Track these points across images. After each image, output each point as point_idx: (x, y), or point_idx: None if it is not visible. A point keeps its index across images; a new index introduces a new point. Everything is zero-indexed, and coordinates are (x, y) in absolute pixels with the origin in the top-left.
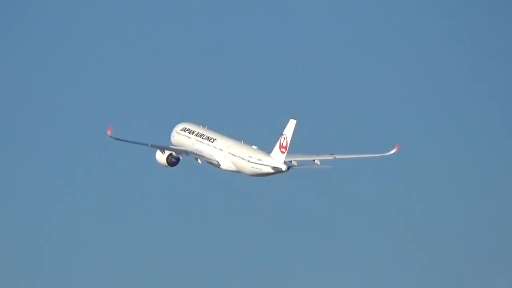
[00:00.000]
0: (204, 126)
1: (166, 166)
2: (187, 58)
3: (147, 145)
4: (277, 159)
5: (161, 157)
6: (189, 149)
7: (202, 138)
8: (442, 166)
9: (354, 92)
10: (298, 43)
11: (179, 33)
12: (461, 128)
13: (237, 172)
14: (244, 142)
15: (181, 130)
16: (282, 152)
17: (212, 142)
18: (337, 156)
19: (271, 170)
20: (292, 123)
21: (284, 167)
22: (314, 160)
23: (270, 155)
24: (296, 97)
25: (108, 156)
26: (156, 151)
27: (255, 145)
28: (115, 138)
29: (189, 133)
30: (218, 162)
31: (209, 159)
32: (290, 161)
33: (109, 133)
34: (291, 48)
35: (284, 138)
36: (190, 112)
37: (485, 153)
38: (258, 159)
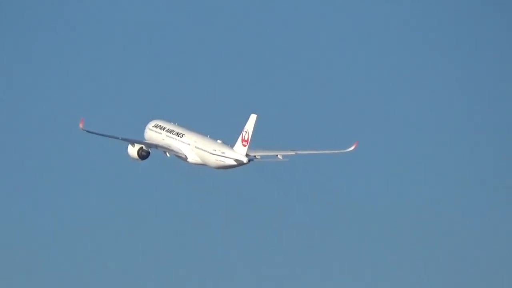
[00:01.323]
0: (174, 123)
1: (137, 159)
2: (167, 55)
3: (117, 138)
4: (239, 152)
5: (132, 150)
6: (160, 143)
7: (172, 133)
8: (401, 163)
9: (319, 90)
10: (270, 41)
11: (157, 30)
12: (423, 125)
13: (203, 165)
14: (210, 137)
15: (153, 126)
16: (244, 145)
17: (180, 137)
18: (299, 152)
19: (234, 162)
20: (253, 118)
21: (245, 159)
22: (276, 155)
23: (233, 149)
24: (262, 94)
25: (80, 148)
26: (128, 145)
27: (220, 139)
28: (87, 131)
29: (160, 129)
30: (186, 156)
31: (177, 152)
32: (254, 156)
33: (81, 126)
34: (263, 46)
35: (246, 132)
36: (164, 108)
37: (443, 148)
38: (222, 152)
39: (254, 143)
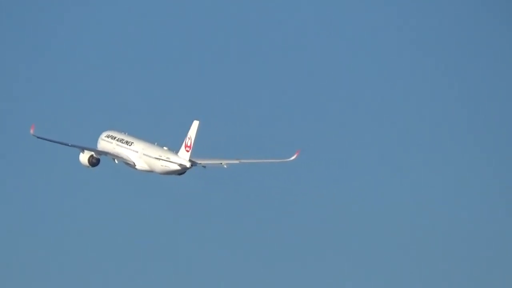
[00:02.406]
0: (125, 133)
1: (88, 166)
2: (127, 60)
3: (67, 144)
4: (182, 157)
5: (83, 158)
6: (111, 151)
7: (122, 142)
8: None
9: (266, 99)
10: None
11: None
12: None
13: (150, 171)
14: (157, 144)
15: (105, 137)
16: (187, 151)
17: (129, 145)
18: (243, 161)
19: (178, 167)
20: (195, 124)
21: (188, 164)
22: (221, 163)
23: (177, 155)
24: (207, 102)
25: (32, 154)
26: (80, 153)
27: (166, 146)
28: (37, 137)
29: (112, 139)
30: (134, 163)
31: (126, 160)
32: (200, 164)
33: (32, 132)
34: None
35: (189, 138)
36: (117, 116)
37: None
38: (167, 158)
39: (201, 151)
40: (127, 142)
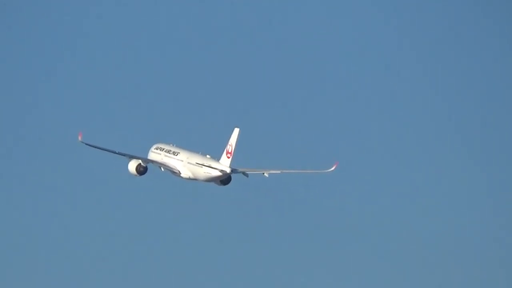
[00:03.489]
0: (173, 144)
1: (136, 175)
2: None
3: (114, 152)
4: (223, 163)
5: (131, 166)
6: (159, 161)
7: (169, 153)
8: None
9: (307, 110)
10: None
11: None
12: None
13: (195, 179)
14: (201, 153)
15: (155, 149)
16: (228, 157)
17: (176, 155)
18: (284, 171)
19: (219, 173)
20: (236, 132)
21: (228, 170)
22: (263, 173)
23: (219, 162)
24: (252, 113)
25: (80, 160)
26: (129, 161)
27: (209, 154)
28: (85, 144)
29: (160, 150)
30: (179, 171)
31: (172, 169)
32: (242, 172)
33: (80, 138)
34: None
35: (230, 145)
36: (164, 130)
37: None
38: (208, 165)
39: (242, 160)
40: (174, 153)
